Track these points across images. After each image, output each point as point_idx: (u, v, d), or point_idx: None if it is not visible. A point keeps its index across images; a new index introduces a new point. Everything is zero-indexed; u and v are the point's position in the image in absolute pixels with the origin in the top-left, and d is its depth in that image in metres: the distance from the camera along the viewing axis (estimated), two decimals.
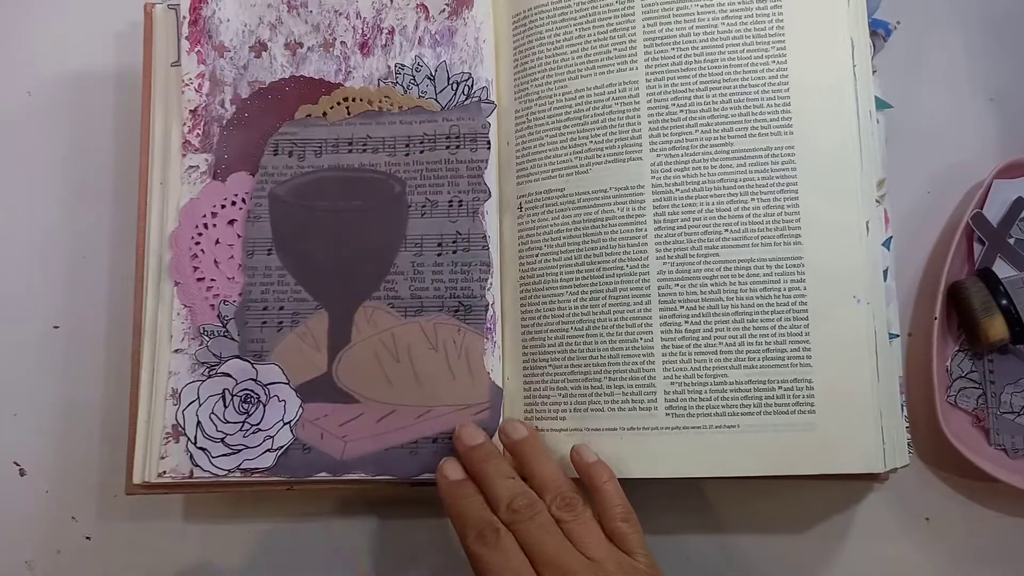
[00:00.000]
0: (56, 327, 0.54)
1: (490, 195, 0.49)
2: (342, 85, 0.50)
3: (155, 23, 0.51)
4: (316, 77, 0.50)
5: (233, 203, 0.49)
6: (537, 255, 0.48)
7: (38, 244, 0.55)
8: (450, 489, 0.44)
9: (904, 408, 0.47)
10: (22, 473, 0.53)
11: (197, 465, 0.46)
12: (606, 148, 0.47)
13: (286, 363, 0.48)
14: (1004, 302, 0.48)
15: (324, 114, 0.50)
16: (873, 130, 0.47)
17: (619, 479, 0.45)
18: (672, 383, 0.45)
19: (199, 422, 0.47)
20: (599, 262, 0.46)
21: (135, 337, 0.49)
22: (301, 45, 0.50)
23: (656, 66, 0.47)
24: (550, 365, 0.47)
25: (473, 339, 0.48)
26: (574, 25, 0.48)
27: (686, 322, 0.45)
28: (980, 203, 0.51)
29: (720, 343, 0.44)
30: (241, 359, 0.48)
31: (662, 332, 0.45)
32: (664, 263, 0.45)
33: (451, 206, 0.49)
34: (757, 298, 0.44)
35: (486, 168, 0.49)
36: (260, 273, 0.48)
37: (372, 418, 0.47)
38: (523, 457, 0.45)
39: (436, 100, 0.50)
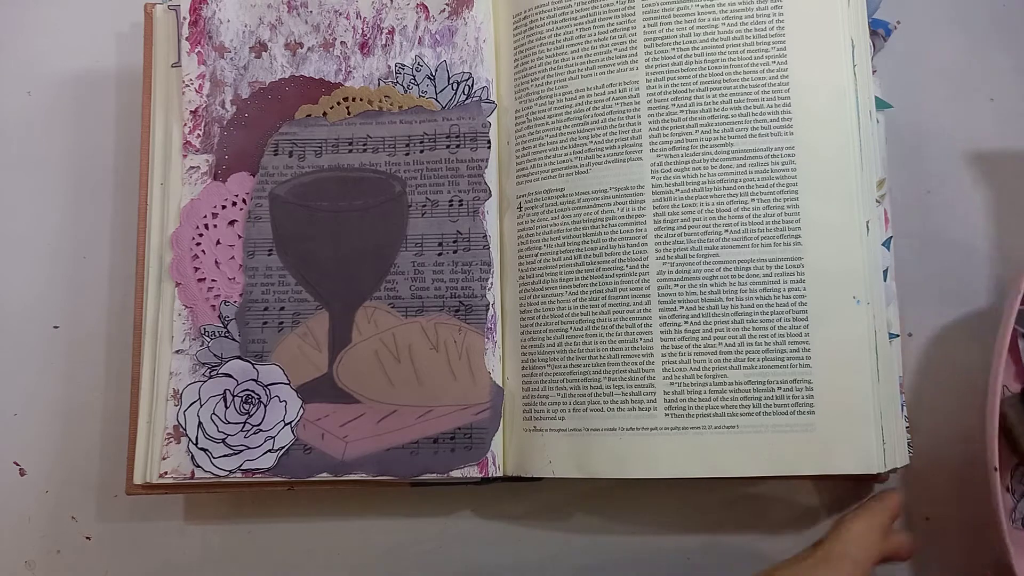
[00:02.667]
0: (56, 327, 0.54)
1: (490, 194, 0.49)
2: (342, 85, 0.50)
3: (155, 24, 0.51)
4: (316, 77, 0.50)
5: (234, 203, 0.49)
6: (537, 255, 0.48)
7: (39, 244, 0.55)
8: None
9: (904, 408, 0.47)
10: (22, 473, 0.53)
11: (198, 466, 0.46)
12: (606, 148, 0.47)
13: (287, 363, 0.48)
14: None
15: (324, 114, 0.50)
16: (873, 130, 0.47)
17: (619, 479, 0.45)
18: (672, 383, 0.45)
19: (200, 423, 0.47)
20: (599, 262, 0.46)
21: (136, 338, 0.49)
22: (301, 45, 0.50)
23: (656, 66, 0.47)
24: (549, 365, 0.47)
25: (474, 339, 0.48)
26: (574, 25, 0.48)
27: (686, 322, 0.45)
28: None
29: (720, 343, 0.44)
30: (242, 360, 0.48)
31: (662, 332, 0.45)
32: (664, 263, 0.45)
33: (451, 205, 0.49)
34: (757, 299, 0.44)
35: (486, 167, 0.49)
36: (261, 273, 0.48)
37: (373, 418, 0.47)
38: None
39: (436, 100, 0.50)
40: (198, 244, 0.49)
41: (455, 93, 0.50)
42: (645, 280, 0.45)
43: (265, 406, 0.47)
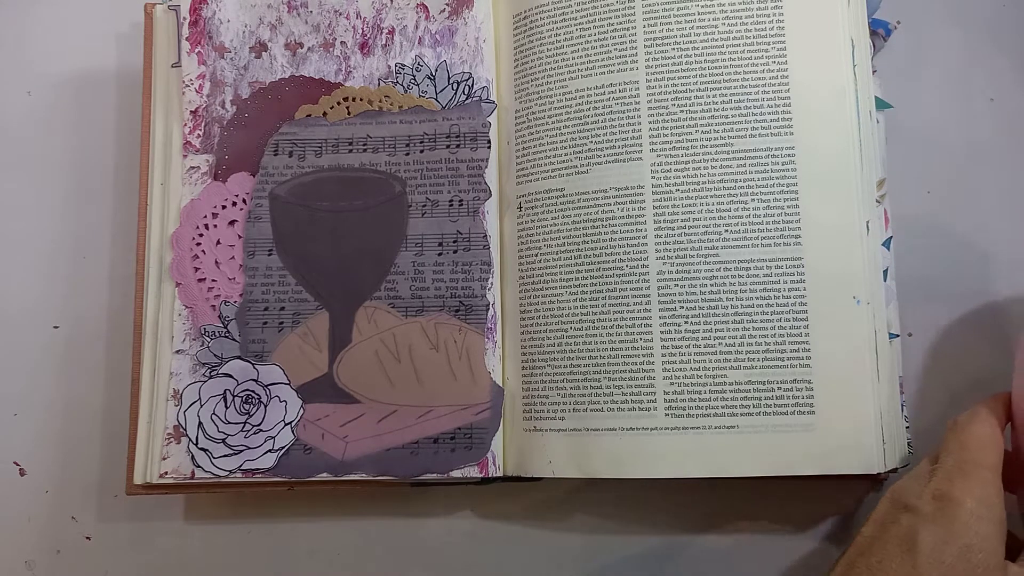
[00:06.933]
0: (56, 327, 0.54)
1: (491, 194, 0.49)
2: (342, 85, 0.50)
3: (155, 24, 0.51)
4: (316, 77, 0.50)
5: (234, 203, 0.49)
6: (537, 255, 0.48)
7: (38, 244, 0.55)
8: None
9: (904, 408, 0.47)
10: (22, 473, 0.53)
11: (199, 466, 0.46)
12: (606, 148, 0.47)
13: (287, 363, 0.48)
14: None
15: (324, 114, 0.50)
16: (873, 130, 0.47)
17: (618, 479, 0.45)
18: (672, 383, 0.45)
19: (200, 423, 0.47)
20: (599, 262, 0.46)
21: (136, 338, 0.49)
22: (301, 45, 0.50)
23: (656, 66, 0.47)
24: (549, 365, 0.47)
25: (474, 339, 0.48)
26: (574, 25, 0.48)
27: (686, 322, 0.45)
28: None
29: (720, 343, 0.44)
30: (242, 360, 0.48)
31: (662, 332, 0.45)
32: (664, 263, 0.45)
33: (451, 205, 0.49)
34: (757, 299, 0.44)
35: (486, 167, 0.49)
36: (261, 273, 0.48)
37: (373, 418, 0.47)
38: None
39: (436, 100, 0.50)
40: (198, 244, 0.49)
41: (455, 93, 0.50)
42: (645, 280, 0.45)
43: (265, 406, 0.47)
